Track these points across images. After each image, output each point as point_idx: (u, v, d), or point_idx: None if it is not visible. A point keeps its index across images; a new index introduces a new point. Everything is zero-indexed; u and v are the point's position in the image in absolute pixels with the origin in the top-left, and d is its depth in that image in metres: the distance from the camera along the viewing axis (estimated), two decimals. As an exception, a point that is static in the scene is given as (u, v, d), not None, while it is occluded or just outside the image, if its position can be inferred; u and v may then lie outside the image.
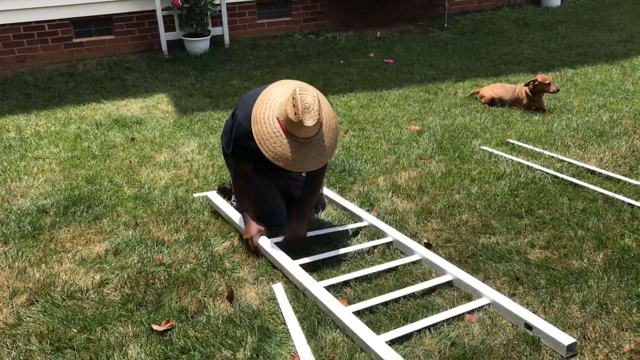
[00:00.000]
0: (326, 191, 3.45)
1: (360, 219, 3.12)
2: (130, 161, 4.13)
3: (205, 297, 2.54)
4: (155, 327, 2.32)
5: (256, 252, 2.79)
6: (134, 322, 2.38)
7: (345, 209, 3.24)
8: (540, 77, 4.84)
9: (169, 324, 2.34)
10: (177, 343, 2.24)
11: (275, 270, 2.71)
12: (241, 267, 2.76)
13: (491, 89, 5.12)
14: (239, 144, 2.71)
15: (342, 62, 6.82)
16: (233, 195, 3.28)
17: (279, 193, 3.09)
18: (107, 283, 2.68)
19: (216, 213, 3.28)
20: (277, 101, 2.53)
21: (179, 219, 3.23)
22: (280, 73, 6.33)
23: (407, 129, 4.63)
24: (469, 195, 3.41)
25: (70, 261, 2.85)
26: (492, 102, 5.13)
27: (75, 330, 2.34)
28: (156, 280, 2.68)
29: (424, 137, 4.41)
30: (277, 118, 2.47)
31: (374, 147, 4.25)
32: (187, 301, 2.51)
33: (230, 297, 2.51)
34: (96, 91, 5.89)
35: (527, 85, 4.90)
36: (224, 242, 2.99)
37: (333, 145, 2.56)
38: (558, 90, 4.83)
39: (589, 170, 3.69)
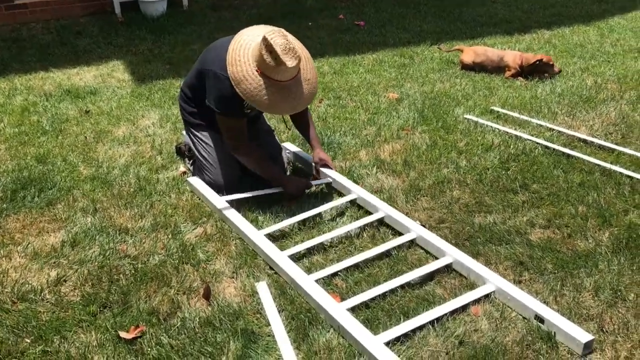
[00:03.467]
0: (304, 155, 3.24)
1: (347, 191, 2.90)
2: (86, 137, 3.78)
3: (178, 295, 2.28)
4: (122, 334, 2.05)
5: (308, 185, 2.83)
6: (97, 328, 2.11)
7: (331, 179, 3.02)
8: (545, 57, 4.58)
9: (138, 330, 2.07)
10: (149, 353, 1.98)
11: (256, 260, 2.46)
12: (216, 258, 2.50)
13: (474, 54, 4.87)
14: (225, 95, 2.58)
15: (310, 24, 6.49)
16: (187, 158, 3.19)
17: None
18: (65, 281, 2.39)
19: (184, 195, 3.01)
20: (251, 43, 2.51)
21: (143, 203, 2.94)
22: (245, 37, 5.96)
23: (385, 96, 4.40)
24: (457, 169, 3.21)
25: (20, 256, 2.54)
26: (470, 68, 4.91)
27: (29, 341, 2.05)
28: (121, 275, 2.41)
29: (403, 106, 4.18)
30: (253, 60, 2.45)
31: (352, 118, 4.00)
32: (157, 300, 2.24)
33: (207, 295, 2.25)
34: (44, 58, 5.43)
35: (529, 63, 4.58)
36: (195, 228, 2.73)
37: (314, 81, 2.58)
38: (560, 70, 4.62)
39: (580, 139, 3.52)
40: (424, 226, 2.62)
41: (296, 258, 2.47)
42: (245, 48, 2.53)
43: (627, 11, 6.85)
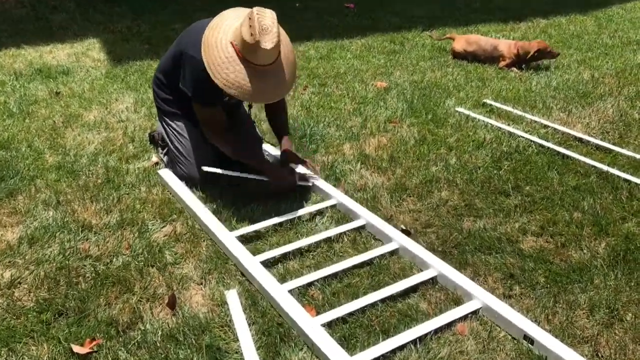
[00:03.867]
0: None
1: (327, 197, 2.72)
2: (54, 121, 3.59)
3: (141, 302, 2.10)
4: (76, 348, 1.87)
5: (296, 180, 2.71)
6: (50, 340, 1.93)
7: (309, 183, 2.84)
8: (538, 43, 4.39)
9: (94, 343, 1.90)
10: (103, 372, 1.80)
11: (227, 265, 2.30)
12: (185, 261, 2.33)
13: (466, 42, 4.70)
14: (201, 80, 2.42)
15: (297, 5, 6.26)
16: (160, 148, 3.02)
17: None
18: (20, 283, 2.21)
19: (155, 188, 2.83)
20: (231, 25, 2.36)
21: (110, 196, 2.76)
22: (229, 17, 5.73)
23: (373, 85, 4.24)
24: (447, 167, 3.06)
25: (-28, 254, 2.35)
26: (462, 57, 4.75)
27: (-28, 355, 1.87)
28: (80, 279, 2.23)
29: (392, 95, 4.02)
30: (231, 42, 2.30)
31: (337, 107, 3.83)
32: (118, 309, 2.07)
33: (172, 304, 2.08)
34: (16, 33, 5.20)
35: (527, 53, 4.41)
36: (164, 226, 2.56)
37: (292, 78, 2.43)
38: (559, 53, 4.46)
39: (576, 137, 3.37)
40: (408, 232, 2.47)
41: (270, 263, 2.30)
42: (224, 31, 2.36)
43: (627, 1, 6.69)
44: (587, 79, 4.30)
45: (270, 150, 3.15)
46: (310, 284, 2.18)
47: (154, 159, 3.09)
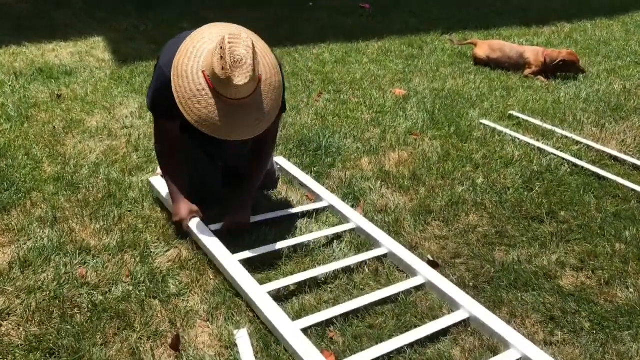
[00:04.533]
0: (297, 173, 2.88)
1: (346, 219, 2.54)
2: (54, 126, 3.41)
3: (141, 341, 1.91)
4: (67, 398, 1.67)
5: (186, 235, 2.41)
6: (38, 387, 1.73)
7: (322, 200, 2.67)
8: (569, 54, 4.19)
9: (87, 393, 1.70)
10: None
11: (237, 299, 2.10)
12: (190, 292, 2.14)
13: (490, 48, 4.48)
14: (160, 95, 2.22)
15: (310, 4, 6.04)
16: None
17: (212, 165, 2.64)
18: (9, 314, 2.02)
19: (159, 205, 2.65)
20: (204, 49, 2.08)
21: (111, 214, 2.57)
22: (237, 16, 5.53)
23: (391, 92, 4.05)
24: (474, 187, 2.87)
25: (-42, 279, 2.16)
26: (484, 63, 4.54)
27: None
28: (76, 310, 2.04)
29: (411, 104, 3.83)
30: (203, 72, 2.04)
31: (354, 116, 3.65)
32: (115, 349, 1.88)
33: (176, 345, 1.89)
34: (17, 31, 5.00)
35: (553, 60, 4.22)
36: (167, 250, 2.36)
37: (274, 109, 2.14)
38: (584, 71, 4.25)
39: (611, 156, 3.16)
40: (435, 263, 2.29)
41: (283, 296, 2.12)
42: (196, 57, 2.08)
43: (653, 6, 6.46)
44: (619, 91, 4.09)
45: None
46: (328, 323, 1.97)
47: (159, 170, 2.87)
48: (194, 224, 2.39)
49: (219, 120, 2.03)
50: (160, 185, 2.66)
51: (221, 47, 1.95)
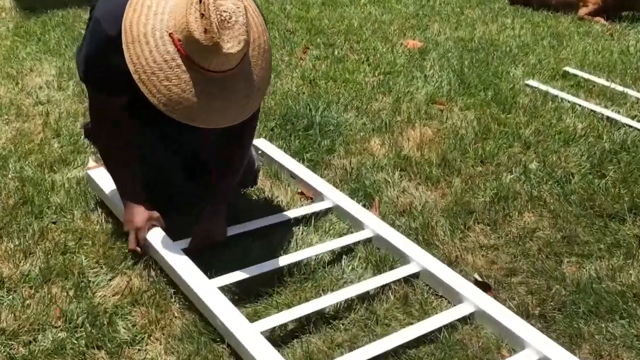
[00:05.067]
0: (286, 162, 2.86)
1: (358, 225, 2.51)
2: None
3: (84, 414, 1.82)
4: None
5: (141, 254, 2.38)
6: None
7: (323, 199, 2.65)
8: None
9: None
10: None
11: (216, 345, 2.02)
12: (150, 337, 2.06)
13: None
14: (98, 60, 2.17)
15: None
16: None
17: (171, 156, 2.60)
18: None
19: (96, 213, 2.61)
20: (169, 3, 2.02)
21: (29, 228, 2.52)
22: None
23: (402, 45, 4.09)
24: (527, 175, 2.87)
25: None
26: (523, 1, 4.61)
27: None
28: (-13, 372, 1.98)
29: (431, 61, 3.90)
30: (170, 34, 1.97)
31: (355, 80, 3.70)
32: None
33: (135, 417, 1.79)
34: None
35: None
36: (113, 278, 2.29)
37: (265, 81, 2.15)
38: None
39: None
40: (486, 285, 2.25)
41: (279, 337, 2.06)
42: (157, 14, 2.02)
43: None
44: None
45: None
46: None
47: (92, 163, 2.85)
48: (155, 237, 2.34)
49: (196, 102, 1.96)
50: (104, 180, 2.61)
51: (200, 1, 1.87)
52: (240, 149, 2.40)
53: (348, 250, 2.42)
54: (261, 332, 1.98)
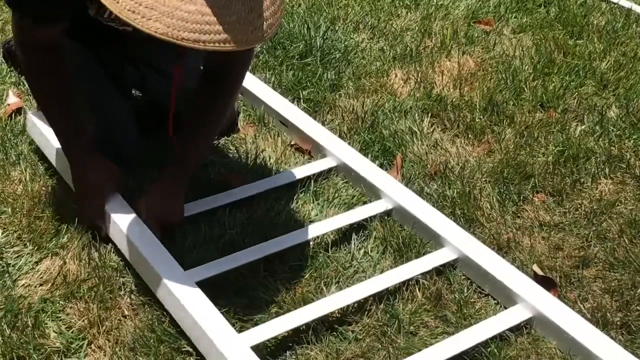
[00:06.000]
0: (275, 102, 2.94)
1: (372, 191, 2.57)
2: None
3: None
4: None
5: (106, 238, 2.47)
6: None
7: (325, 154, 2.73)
8: None
9: None
10: None
11: (180, 356, 2.06)
12: (89, 344, 2.10)
13: None
14: None
15: None
16: None
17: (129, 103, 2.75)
18: None
19: (17, 168, 2.69)
20: None
21: None
22: None
23: None
24: (603, 126, 2.96)
25: None
26: None
27: None
28: None
29: None
30: None
31: None
32: None
33: None
34: None
35: None
36: (39, 261, 2.34)
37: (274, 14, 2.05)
38: None
39: None
40: (549, 280, 2.27)
41: (270, 352, 2.08)
42: None
43: None
44: None
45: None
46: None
47: (13, 99, 3.04)
48: (112, 207, 2.43)
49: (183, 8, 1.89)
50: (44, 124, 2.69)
51: None
52: (222, 99, 2.43)
53: (359, 227, 2.46)
54: (253, 347, 2.01)
